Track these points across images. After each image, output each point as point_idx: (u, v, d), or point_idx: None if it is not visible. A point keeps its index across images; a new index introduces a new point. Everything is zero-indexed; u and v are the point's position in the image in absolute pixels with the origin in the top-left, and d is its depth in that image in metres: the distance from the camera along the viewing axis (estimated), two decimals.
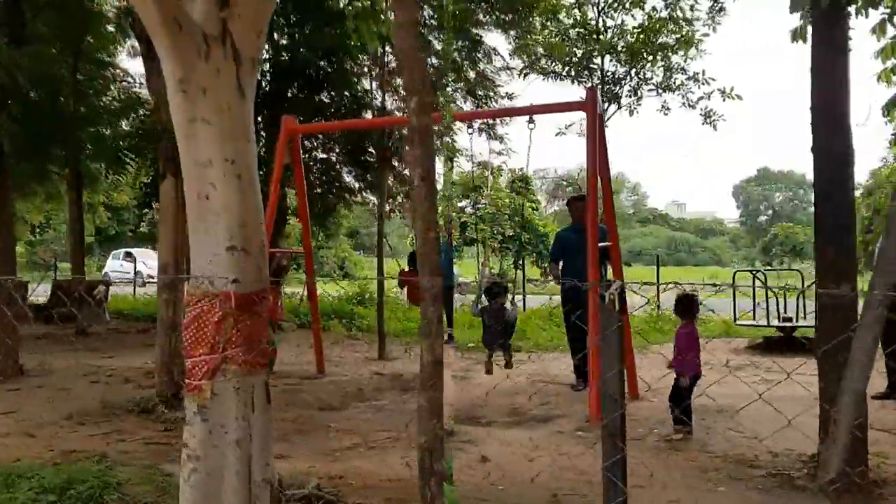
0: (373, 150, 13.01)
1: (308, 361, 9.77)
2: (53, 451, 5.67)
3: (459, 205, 32.02)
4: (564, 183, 48.42)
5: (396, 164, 14.11)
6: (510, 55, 14.16)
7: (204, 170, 3.51)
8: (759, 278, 11.46)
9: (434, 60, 13.83)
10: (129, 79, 16.11)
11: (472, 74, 14.25)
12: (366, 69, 12.74)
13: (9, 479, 4.53)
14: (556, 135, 12.97)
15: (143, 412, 6.88)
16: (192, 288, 3.53)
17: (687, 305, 5.90)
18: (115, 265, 34.56)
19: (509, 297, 7.34)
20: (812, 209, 4.93)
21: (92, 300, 13.43)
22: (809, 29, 9.19)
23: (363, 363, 10.06)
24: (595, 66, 11.71)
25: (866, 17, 5.93)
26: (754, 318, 11.77)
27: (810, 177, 5.29)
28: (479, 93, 14.22)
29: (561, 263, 8.13)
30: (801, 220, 74.65)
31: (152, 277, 26.41)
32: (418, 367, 3.10)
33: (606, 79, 11.67)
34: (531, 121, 7.05)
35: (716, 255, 69.92)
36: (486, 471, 5.02)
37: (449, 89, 13.37)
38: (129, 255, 34.14)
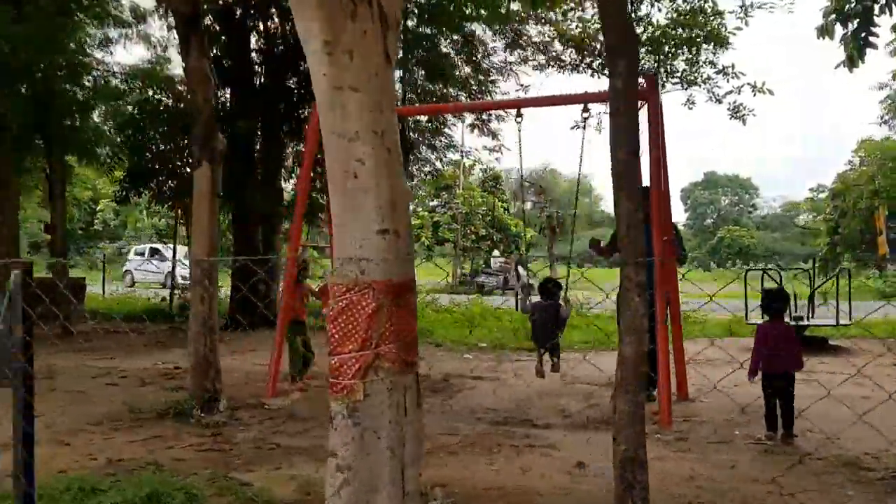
0: None
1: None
2: (97, 459, 5.19)
3: (431, 204, 31.84)
4: (527, 183, 48.42)
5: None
6: (504, 49, 13.99)
7: (351, 144, 3.11)
8: (773, 278, 11.42)
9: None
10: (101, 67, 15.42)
11: (466, 69, 14.04)
12: None
13: (81, 493, 4.05)
14: (572, 128, 12.74)
15: (177, 416, 6.40)
16: (339, 276, 3.14)
17: (779, 302, 5.71)
18: (136, 262, 31.37)
19: (562, 294, 7.08)
20: (758, 213, 4.72)
21: (74, 299, 12.71)
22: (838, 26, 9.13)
23: None
24: None
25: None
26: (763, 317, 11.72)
27: (756, 181, 5.27)
28: (474, 87, 14.03)
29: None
30: (747, 224, 76.52)
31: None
32: (447, 366, 2.80)
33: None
34: (519, 114, 6.81)
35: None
36: (593, 478, 4.71)
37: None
38: (155, 251, 30.61)
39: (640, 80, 11.25)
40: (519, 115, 6.95)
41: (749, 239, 64.44)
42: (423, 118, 13.17)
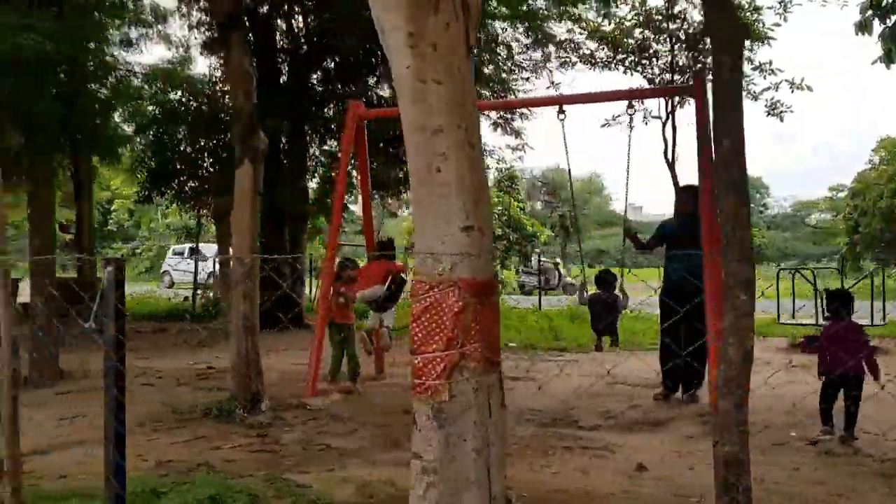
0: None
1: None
2: (147, 460, 5.13)
3: None
4: (539, 183, 48.30)
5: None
6: (530, 48, 13.89)
7: (434, 138, 3.04)
8: (806, 277, 11.29)
9: None
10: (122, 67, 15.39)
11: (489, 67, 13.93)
12: None
13: (143, 495, 3.99)
14: (602, 126, 12.63)
15: (220, 416, 6.33)
16: (423, 275, 3.06)
17: (845, 302, 5.61)
18: (173, 262, 30.76)
19: (618, 285, 7.14)
20: (769, 212, 4.62)
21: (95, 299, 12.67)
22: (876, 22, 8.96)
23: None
24: (658, 54, 11.39)
25: None
26: (793, 317, 11.61)
27: (766, 180, 5.23)
28: (496, 85, 13.93)
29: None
30: (757, 224, 76.01)
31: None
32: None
33: (667, 67, 11.35)
34: (561, 111, 6.71)
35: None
36: (655, 481, 4.62)
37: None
38: (195, 251, 30.47)
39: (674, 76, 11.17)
40: (561, 111, 6.86)
41: (760, 238, 64.03)
42: None
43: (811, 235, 63.71)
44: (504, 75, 14.08)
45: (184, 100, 15.70)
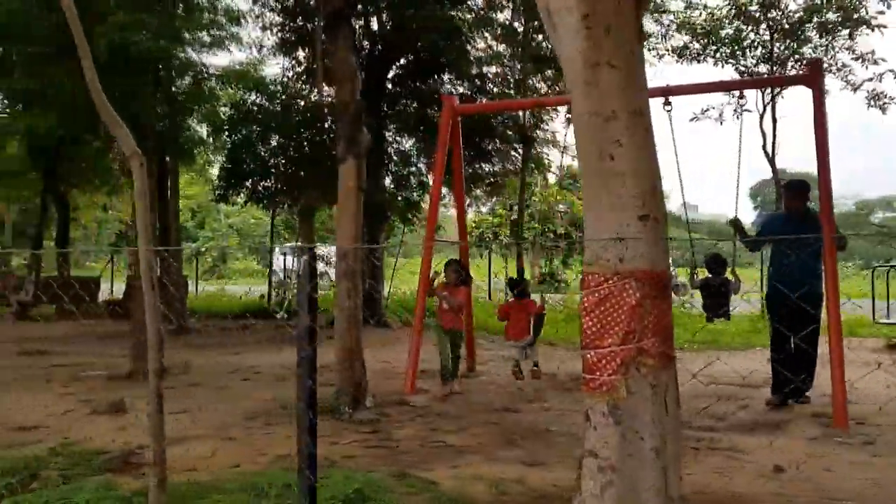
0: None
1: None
2: (266, 454, 5.14)
3: (508, 202, 31.53)
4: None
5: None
6: None
7: (607, 124, 2.93)
8: None
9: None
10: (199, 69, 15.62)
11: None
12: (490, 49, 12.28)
13: (286, 489, 3.99)
14: (691, 120, 12.29)
15: (327, 412, 6.32)
16: (595, 266, 2.95)
17: None
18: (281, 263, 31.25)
19: (728, 269, 6.96)
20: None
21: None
22: None
23: (505, 362, 9.45)
24: (752, 45, 11.06)
25: None
26: (888, 316, 11.16)
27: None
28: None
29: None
30: None
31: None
32: (569, 366, 2.57)
33: (763, 58, 11.00)
34: (667, 102, 6.48)
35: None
36: (798, 483, 4.43)
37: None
38: (302, 250, 30.46)
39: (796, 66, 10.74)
40: (667, 102, 6.68)
41: None
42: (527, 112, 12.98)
43: (875, 235, 61.51)
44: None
45: (257, 101, 15.89)
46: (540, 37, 12.89)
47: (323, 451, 5.16)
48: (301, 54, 16.08)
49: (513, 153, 13.70)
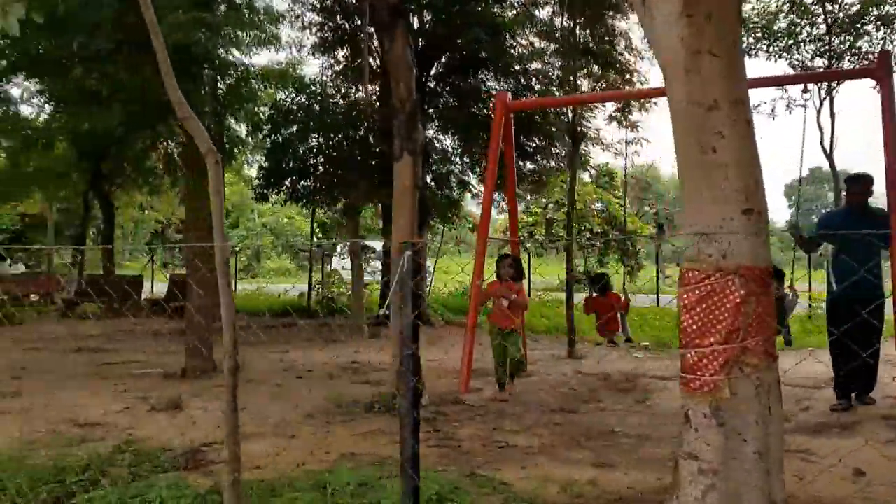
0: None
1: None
2: (330, 453, 5.10)
3: (542, 200, 31.32)
4: (633, 179, 47.12)
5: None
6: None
7: (709, 113, 2.83)
8: None
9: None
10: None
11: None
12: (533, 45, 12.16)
13: (361, 488, 3.95)
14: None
15: (384, 410, 6.31)
16: (696, 262, 2.85)
17: None
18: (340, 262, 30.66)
19: (787, 283, 6.72)
20: None
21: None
22: None
23: (554, 361, 9.37)
24: (808, 39, 10.81)
25: None
26: None
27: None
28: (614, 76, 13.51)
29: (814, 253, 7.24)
30: None
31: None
32: (618, 365, 2.44)
33: (818, 52, 10.74)
34: (805, 90, 6.30)
35: None
36: (884, 487, 4.28)
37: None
38: (366, 248, 29.44)
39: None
40: (805, 90, 6.47)
41: None
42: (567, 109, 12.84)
43: None
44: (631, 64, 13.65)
45: (297, 100, 15.92)
46: (582, 32, 12.69)
47: (388, 451, 5.14)
48: (340, 53, 16.10)
49: (554, 150, 13.57)
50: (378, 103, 13.84)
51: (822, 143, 11.23)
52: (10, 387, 7.49)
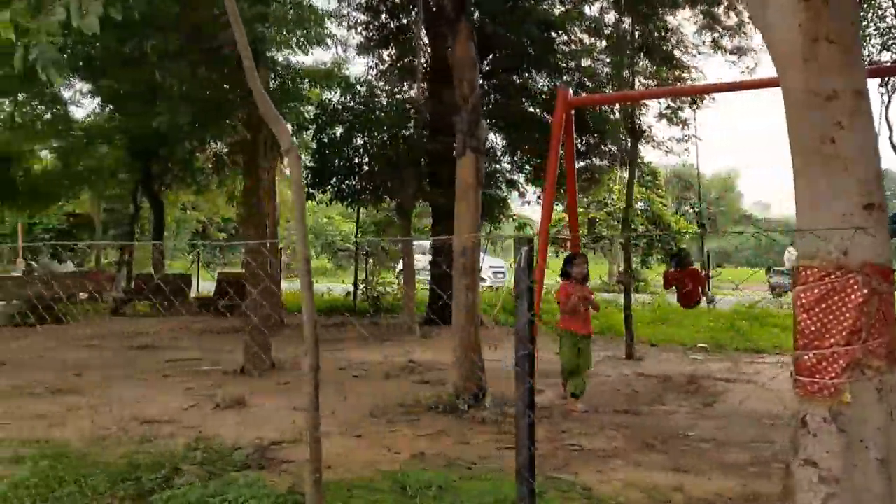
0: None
1: (547, 360, 8.95)
2: (401, 453, 5.05)
3: (584, 200, 31.01)
4: (677, 178, 46.56)
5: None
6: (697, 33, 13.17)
7: (828, 103, 2.70)
8: None
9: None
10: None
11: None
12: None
13: (440, 491, 3.88)
14: None
15: (447, 410, 6.26)
16: (814, 259, 2.72)
17: None
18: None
19: None
20: None
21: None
22: None
23: (612, 362, 9.20)
24: (876, 33, 10.47)
25: None
26: None
27: None
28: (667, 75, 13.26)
29: None
30: None
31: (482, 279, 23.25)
32: (678, 367, 2.28)
33: (885, 46, 10.37)
34: (885, 83, 6.07)
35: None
36: None
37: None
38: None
39: None
40: (884, 84, 6.23)
41: None
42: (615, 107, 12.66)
43: None
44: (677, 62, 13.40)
45: (343, 100, 15.93)
46: (634, 28, 12.46)
47: (456, 451, 5.08)
48: (385, 52, 16.05)
49: (605, 148, 13.37)
50: (423, 101, 13.74)
51: (891, 139, 10.88)
52: (74, 383, 7.58)
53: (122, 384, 7.52)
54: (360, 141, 15.72)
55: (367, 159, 15.63)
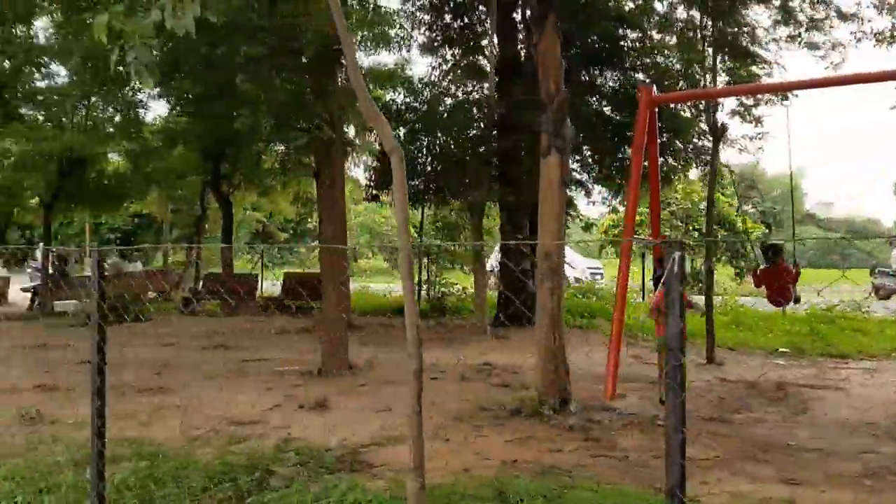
0: None
1: (628, 363, 8.74)
2: (490, 459, 4.97)
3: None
4: (738, 177, 45.26)
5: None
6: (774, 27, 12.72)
7: None
8: None
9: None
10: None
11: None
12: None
13: (544, 500, 3.78)
14: (893, 108, 11.22)
15: (531, 415, 6.15)
16: None
17: None
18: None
19: None
20: None
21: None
22: None
23: (694, 368, 8.91)
24: None
25: None
26: None
27: None
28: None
29: None
30: None
31: (579, 280, 23.99)
32: (758, 374, 2.04)
33: None
34: None
35: (873, 257, 63.64)
36: None
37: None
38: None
39: None
40: None
41: None
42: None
43: None
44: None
45: (406, 100, 15.91)
46: (710, 24, 12.11)
47: (549, 459, 4.96)
48: (449, 52, 15.92)
49: (680, 146, 13.04)
50: (494, 99, 13.56)
51: None
52: (158, 382, 7.67)
53: (203, 384, 7.60)
54: (425, 140, 15.70)
55: (429, 159, 15.60)
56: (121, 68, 3.74)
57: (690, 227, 27.57)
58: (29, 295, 16.87)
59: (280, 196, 22.19)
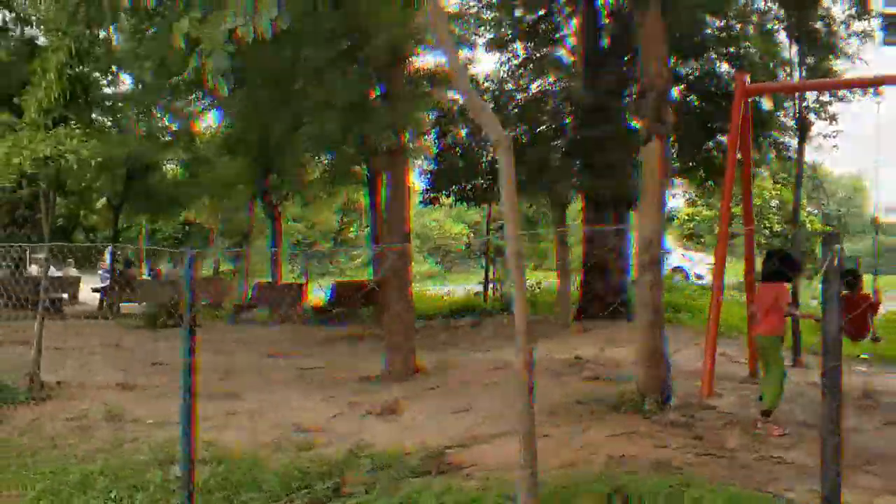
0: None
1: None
2: (596, 454, 4.80)
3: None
4: (819, 181, 43.85)
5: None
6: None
7: None
8: None
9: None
10: None
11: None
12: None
13: (670, 499, 3.56)
14: None
15: (631, 410, 5.95)
16: None
17: None
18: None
19: None
20: None
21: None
22: None
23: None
24: None
25: None
26: None
27: None
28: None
29: None
30: None
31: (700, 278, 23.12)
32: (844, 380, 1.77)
33: None
34: None
35: None
36: None
37: None
38: None
39: None
40: None
41: None
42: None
43: None
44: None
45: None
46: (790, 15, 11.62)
47: (655, 455, 4.71)
48: (520, 47, 15.58)
49: (762, 139, 12.61)
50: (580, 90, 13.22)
51: None
52: (223, 388, 7.46)
53: (269, 390, 7.36)
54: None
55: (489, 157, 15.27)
56: (188, 76, 3.64)
57: (762, 226, 26.74)
58: (98, 295, 17.16)
59: (324, 205, 22.30)
